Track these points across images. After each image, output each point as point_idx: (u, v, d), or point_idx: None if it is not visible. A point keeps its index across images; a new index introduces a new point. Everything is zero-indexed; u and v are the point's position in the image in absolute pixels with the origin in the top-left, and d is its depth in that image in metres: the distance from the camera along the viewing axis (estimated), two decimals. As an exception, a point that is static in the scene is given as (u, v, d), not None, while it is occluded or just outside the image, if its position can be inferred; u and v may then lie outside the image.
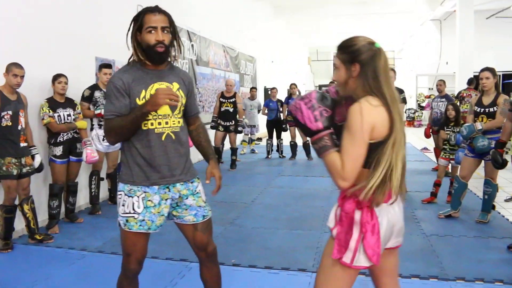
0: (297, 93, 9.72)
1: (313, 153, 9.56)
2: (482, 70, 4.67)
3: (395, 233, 1.79)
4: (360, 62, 1.72)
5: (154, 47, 2.13)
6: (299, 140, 9.54)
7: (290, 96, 9.63)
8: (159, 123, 2.18)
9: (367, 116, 1.64)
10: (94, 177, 5.22)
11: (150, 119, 2.15)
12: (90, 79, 5.51)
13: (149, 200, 2.19)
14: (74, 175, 4.85)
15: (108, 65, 5.26)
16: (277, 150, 9.97)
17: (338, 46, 1.81)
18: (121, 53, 6.11)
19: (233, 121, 8.21)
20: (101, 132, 5.21)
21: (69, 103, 4.76)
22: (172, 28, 2.21)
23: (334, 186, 6.60)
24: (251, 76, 13.89)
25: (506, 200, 5.73)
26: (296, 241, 4.32)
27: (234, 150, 8.46)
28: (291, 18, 17.72)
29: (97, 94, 5.13)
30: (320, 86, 27.57)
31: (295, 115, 1.77)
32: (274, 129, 9.76)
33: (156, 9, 2.18)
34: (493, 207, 5.05)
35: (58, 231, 4.53)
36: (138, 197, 2.18)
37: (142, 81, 2.18)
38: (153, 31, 2.12)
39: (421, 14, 17.05)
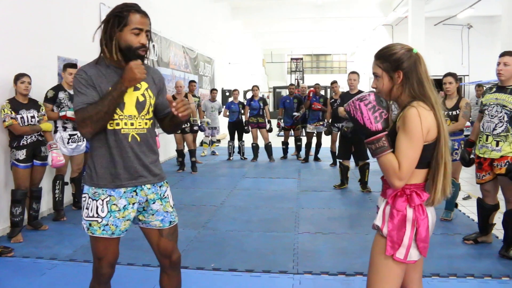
0: (259, 95, 9.75)
1: (275, 154, 9.67)
2: (446, 75, 4.86)
3: (433, 226, 1.90)
4: (404, 69, 1.80)
5: (136, 50, 2.03)
6: (261, 142, 9.57)
7: (252, 98, 9.62)
8: (125, 123, 2.09)
9: (425, 120, 1.73)
10: (58, 181, 4.97)
11: (116, 119, 2.06)
12: (52, 79, 5.27)
13: (114, 204, 2.10)
14: (38, 180, 4.60)
15: (73, 65, 5.04)
16: (239, 152, 9.94)
17: (377, 56, 1.88)
18: (84, 52, 5.97)
19: (188, 123, 8.07)
20: (65, 135, 5.01)
21: (32, 104, 4.52)
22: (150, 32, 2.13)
23: (300, 188, 6.71)
24: (209, 77, 13.80)
25: (464, 199, 5.99)
26: (273, 243, 4.30)
27: (192, 152, 8.28)
28: (248, 20, 17.80)
29: (61, 95, 4.91)
30: (274, 88, 27.78)
31: (353, 115, 1.79)
32: (236, 131, 9.73)
33: (142, 10, 2.06)
34: (456, 205, 5.27)
35: (22, 239, 4.28)
36: (102, 200, 2.09)
37: (110, 78, 2.06)
38: (138, 33, 2.02)
39: (374, 19, 17.58)
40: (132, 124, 2.10)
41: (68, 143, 5.03)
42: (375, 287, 1.87)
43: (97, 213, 2.08)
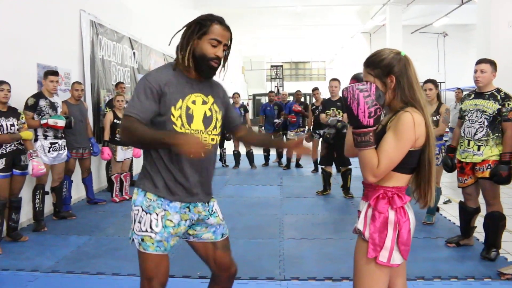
0: (240, 102, 9.77)
1: (256, 161, 9.68)
2: (426, 82, 4.95)
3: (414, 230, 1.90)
4: (395, 74, 1.79)
5: (209, 61, 1.98)
6: (242, 149, 9.56)
7: (233, 105, 9.60)
8: None
9: (418, 128, 1.74)
10: (38, 191, 4.87)
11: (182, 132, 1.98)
12: (32, 87, 5.17)
13: (168, 220, 2.01)
14: (17, 189, 4.49)
15: (55, 72, 4.97)
16: (220, 159, 9.92)
17: (366, 63, 1.86)
18: (64, 59, 5.90)
19: None
20: (46, 143, 4.92)
21: (12, 112, 4.42)
22: (229, 47, 2.08)
23: (283, 194, 6.71)
24: (190, 85, 13.72)
25: (445, 203, 6.09)
26: (258, 250, 4.29)
27: None
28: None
29: (42, 102, 4.83)
30: (254, 95, 27.83)
31: (349, 104, 1.74)
32: (217, 138, 9.68)
33: (225, 23, 2.02)
34: (437, 209, 5.35)
35: (1, 251, 4.17)
36: (157, 214, 1.99)
37: (181, 88, 2.00)
38: (215, 45, 1.98)
39: (352, 27, 17.82)
40: None
41: (49, 151, 4.94)
42: None
43: (150, 227, 1.98)
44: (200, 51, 1.98)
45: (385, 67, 1.80)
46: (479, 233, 4.27)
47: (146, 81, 1.96)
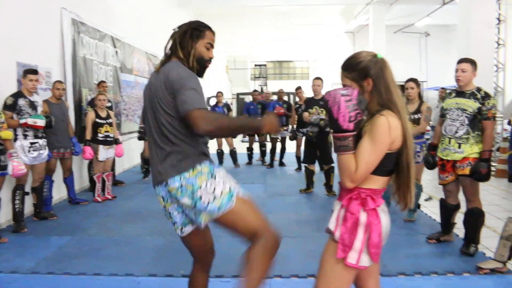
0: (223, 101, 9.75)
1: (240, 160, 9.68)
2: (407, 81, 5.01)
3: (387, 234, 1.88)
4: (372, 77, 1.79)
5: (206, 62, 2.26)
6: (226, 148, 9.55)
7: (216, 104, 9.62)
8: None
9: (393, 131, 1.74)
10: (18, 191, 4.79)
11: None
12: (11, 86, 5.08)
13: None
14: (-4, 190, 4.43)
15: (34, 71, 4.90)
16: (204, 159, 9.87)
17: (343, 66, 1.86)
18: (45, 58, 5.82)
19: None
20: (26, 143, 4.85)
21: (-10, 111, 4.35)
22: None
23: (267, 193, 6.72)
24: (173, 84, 13.64)
25: (426, 200, 6.17)
26: (242, 248, 4.21)
27: None
28: (211, 26, 17.73)
29: (21, 102, 4.76)
30: (238, 94, 27.80)
31: (330, 107, 1.75)
32: (201, 138, 9.66)
33: (214, 31, 2.31)
34: (418, 206, 5.41)
35: (-20, 252, 4.11)
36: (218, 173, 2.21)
37: None
38: (209, 48, 2.26)
39: (336, 26, 17.91)
40: None
41: (29, 151, 4.86)
42: None
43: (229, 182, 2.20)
44: (198, 54, 2.23)
45: (362, 70, 1.80)
46: (459, 229, 4.33)
47: (197, 79, 2.15)
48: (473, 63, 3.88)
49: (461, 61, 3.93)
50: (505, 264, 3.52)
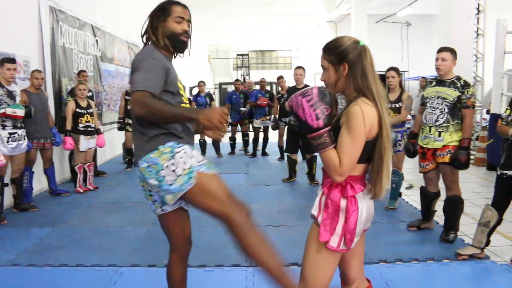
0: (206, 91, 9.69)
1: (222, 150, 9.66)
2: (388, 70, 5.05)
3: (369, 218, 1.91)
4: (349, 62, 1.79)
5: (179, 36, 2.24)
6: (208, 138, 9.49)
7: (198, 94, 9.56)
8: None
9: (368, 118, 1.73)
10: (-3, 183, 4.72)
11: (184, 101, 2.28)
12: (-12, 75, 4.97)
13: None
14: (-25, 181, 4.35)
15: (12, 60, 4.79)
16: (187, 149, 9.82)
17: (324, 48, 1.87)
18: (23, 46, 5.69)
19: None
20: (5, 134, 4.76)
21: (-33, 101, 4.25)
22: (190, 23, 2.32)
23: (249, 182, 6.73)
24: (155, 73, 13.51)
25: (407, 188, 6.25)
26: (224, 238, 4.20)
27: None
28: (193, 15, 17.47)
29: (-2, 91, 4.66)
30: (220, 84, 27.69)
31: (295, 111, 1.77)
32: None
33: (183, 3, 2.28)
34: (400, 194, 5.49)
35: (-42, 245, 4.04)
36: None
37: (172, 66, 2.25)
38: (180, 21, 2.24)
39: (318, 16, 17.89)
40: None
41: (7, 142, 4.77)
42: (309, 274, 1.89)
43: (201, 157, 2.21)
44: (168, 30, 2.23)
45: (339, 54, 1.80)
46: (439, 217, 4.41)
47: (157, 60, 2.14)
48: (453, 52, 3.92)
49: (441, 50, 3.96)
50: (483, 250, 3.60)
